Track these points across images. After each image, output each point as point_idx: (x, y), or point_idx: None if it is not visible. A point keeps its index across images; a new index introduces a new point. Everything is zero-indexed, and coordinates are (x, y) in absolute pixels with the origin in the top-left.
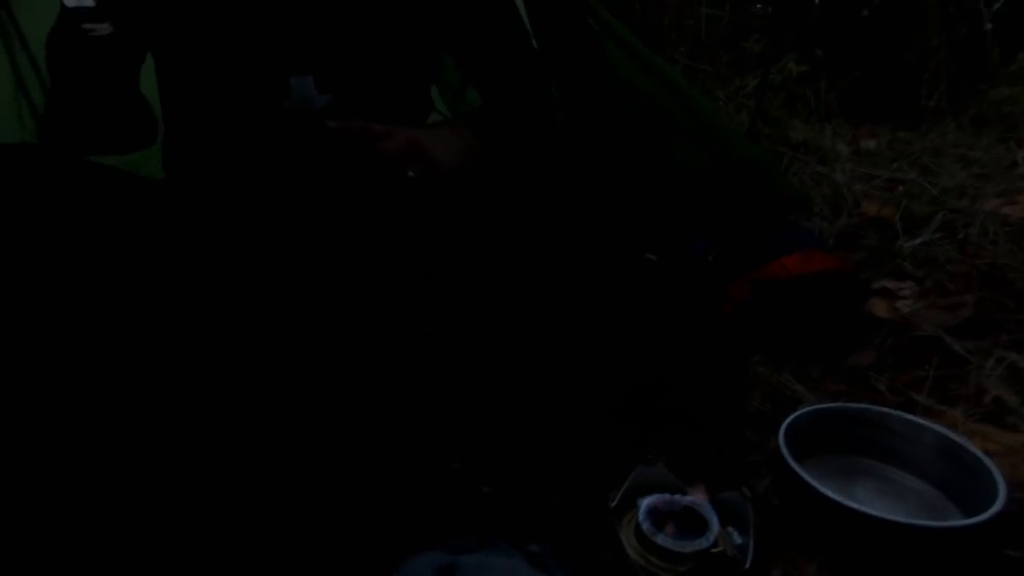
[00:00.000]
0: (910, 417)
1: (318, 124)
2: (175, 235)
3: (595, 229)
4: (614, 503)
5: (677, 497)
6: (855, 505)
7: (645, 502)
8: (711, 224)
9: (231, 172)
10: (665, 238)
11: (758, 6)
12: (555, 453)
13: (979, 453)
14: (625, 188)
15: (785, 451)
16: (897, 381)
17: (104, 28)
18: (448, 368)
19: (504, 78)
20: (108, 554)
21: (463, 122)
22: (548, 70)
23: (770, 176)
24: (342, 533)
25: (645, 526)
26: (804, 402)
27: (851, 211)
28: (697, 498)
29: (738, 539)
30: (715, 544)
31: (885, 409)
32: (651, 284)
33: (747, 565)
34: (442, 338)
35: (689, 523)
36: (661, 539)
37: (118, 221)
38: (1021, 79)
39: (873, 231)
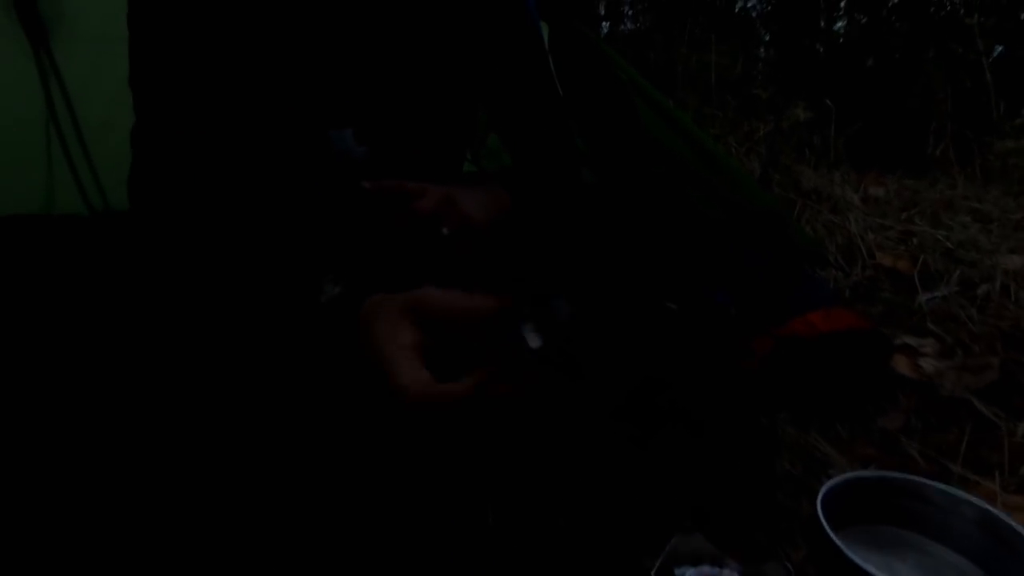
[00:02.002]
0: (948, 489)
1: (354, 183)
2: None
3: (620, 279)
4: (653, 572)
5: (716, 570)
6: None
7: (686, 575)
8: (732, 275)
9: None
10: (685, 288)
11: (763, 52)
12: (587, 504)
13: (1020, 529)
14: (648, 238)
15: (824, 522)
16: (928, 446)
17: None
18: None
19: (533, 131)
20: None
21: (495, 178)
22: (575, 122)
23: (786, 225)
24: None
25: None
26: (835, 465)
27: (866, 262)
28: (736, 569)
29: None
30: None
31: (923, 479)
32: (672, 332)
33: None
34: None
35: None
36: None
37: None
38: None
39: (889, 284)
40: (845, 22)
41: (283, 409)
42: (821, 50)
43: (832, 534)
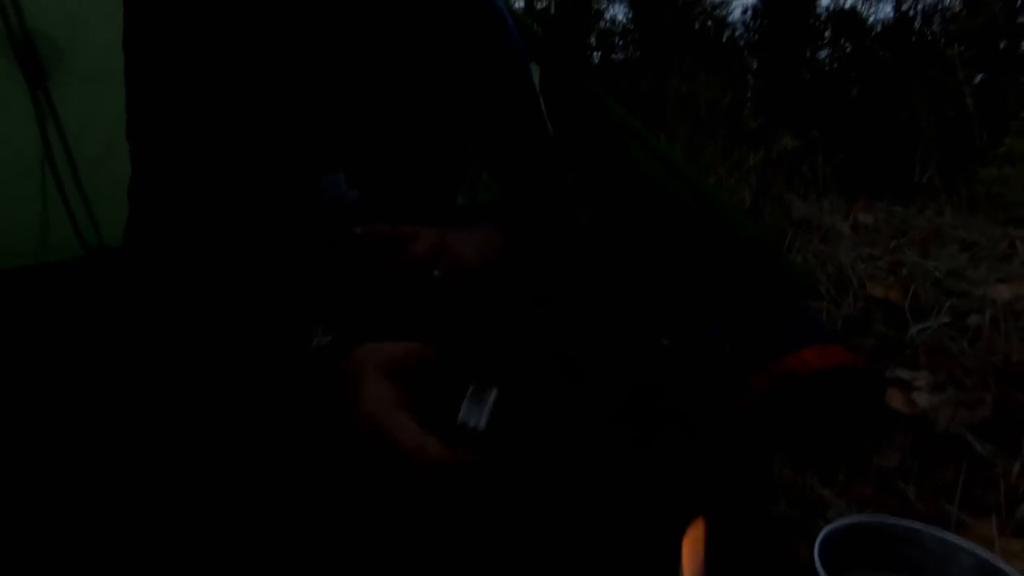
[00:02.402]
0: (946, 535)
1: (346, 229)
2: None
3: (614, 317)
4: None
5: None
6: None
7: None
8: (726, 310)
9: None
10: (679, 323)
11: (750, 79)
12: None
13: None
14: (642, 274)
15: (821, 571)
16: (925, 486)
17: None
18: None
19: (524, 172)
20: None
21: (487, 214)
22: (568, 161)
23: (778, 258)
24: None
25: None
26: (831, 508)
27: (857, 292)
28: None
29: None
30: None
31: (920, 526)
32: (665, 369)
33: None
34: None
35: None
36: None
37: None
38: (1009, 161)
39: (881, 315)
40: (830, 51)
41: (270, 454)
42: (808, 78)
43: None
